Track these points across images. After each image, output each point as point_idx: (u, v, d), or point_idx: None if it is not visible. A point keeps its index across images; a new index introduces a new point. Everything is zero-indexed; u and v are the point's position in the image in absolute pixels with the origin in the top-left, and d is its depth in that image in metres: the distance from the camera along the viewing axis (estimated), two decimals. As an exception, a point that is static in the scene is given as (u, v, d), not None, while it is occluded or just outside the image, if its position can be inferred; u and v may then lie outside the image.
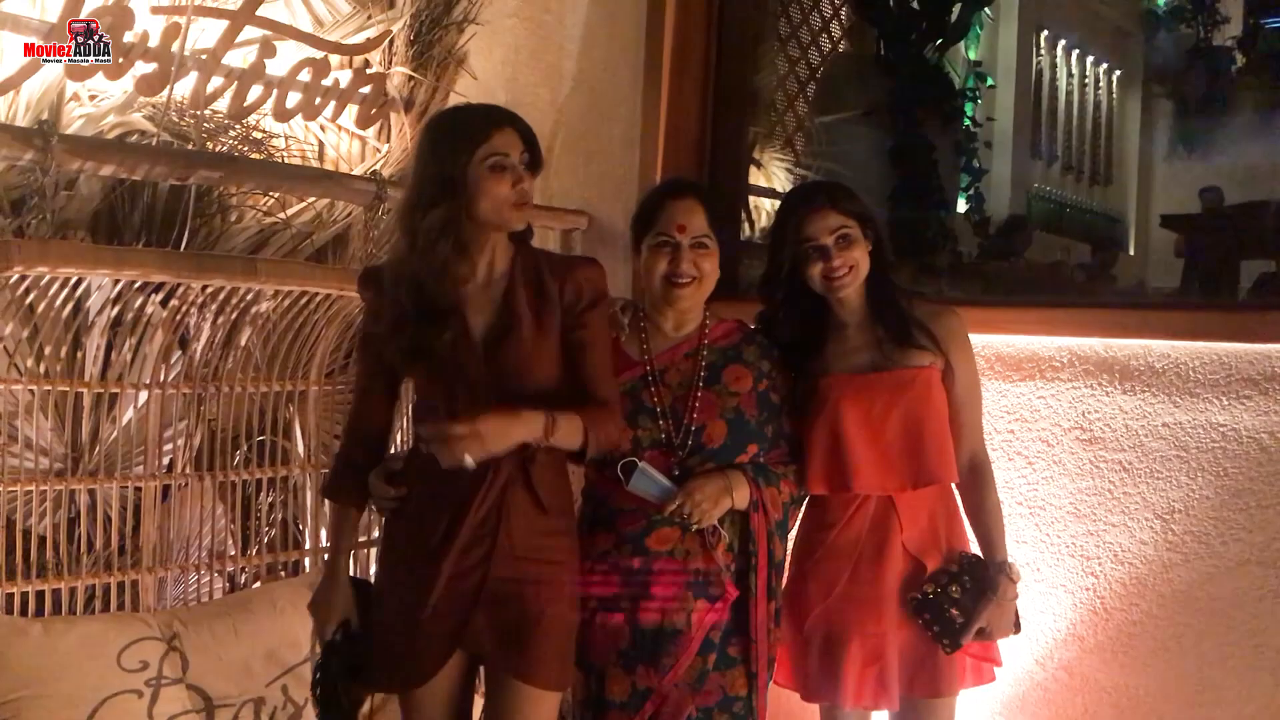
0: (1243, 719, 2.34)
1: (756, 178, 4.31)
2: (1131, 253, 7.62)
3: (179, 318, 3.05)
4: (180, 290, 2.97)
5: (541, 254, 2.26)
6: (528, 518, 2.14)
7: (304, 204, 3.51)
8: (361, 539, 3.17)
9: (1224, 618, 2.37)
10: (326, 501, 2.33)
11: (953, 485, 2.32)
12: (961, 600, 2.22)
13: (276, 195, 3.45)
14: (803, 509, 2.40)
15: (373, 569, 2.69)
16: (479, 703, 2.36)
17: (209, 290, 2.99)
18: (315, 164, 3.61)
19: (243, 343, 3.17)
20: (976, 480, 2.33)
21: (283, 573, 3.41)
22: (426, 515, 2.16)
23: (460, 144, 2.07)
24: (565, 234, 3.40)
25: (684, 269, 2.30)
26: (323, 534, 3.44)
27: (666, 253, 2.31)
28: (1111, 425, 2.51)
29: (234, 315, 3.11)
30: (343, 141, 3.74)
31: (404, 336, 2.10)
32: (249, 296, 3.06)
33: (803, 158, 4.47)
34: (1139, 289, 5.06)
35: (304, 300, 3.16)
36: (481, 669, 2.28)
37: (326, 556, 2.28)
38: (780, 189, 4.50)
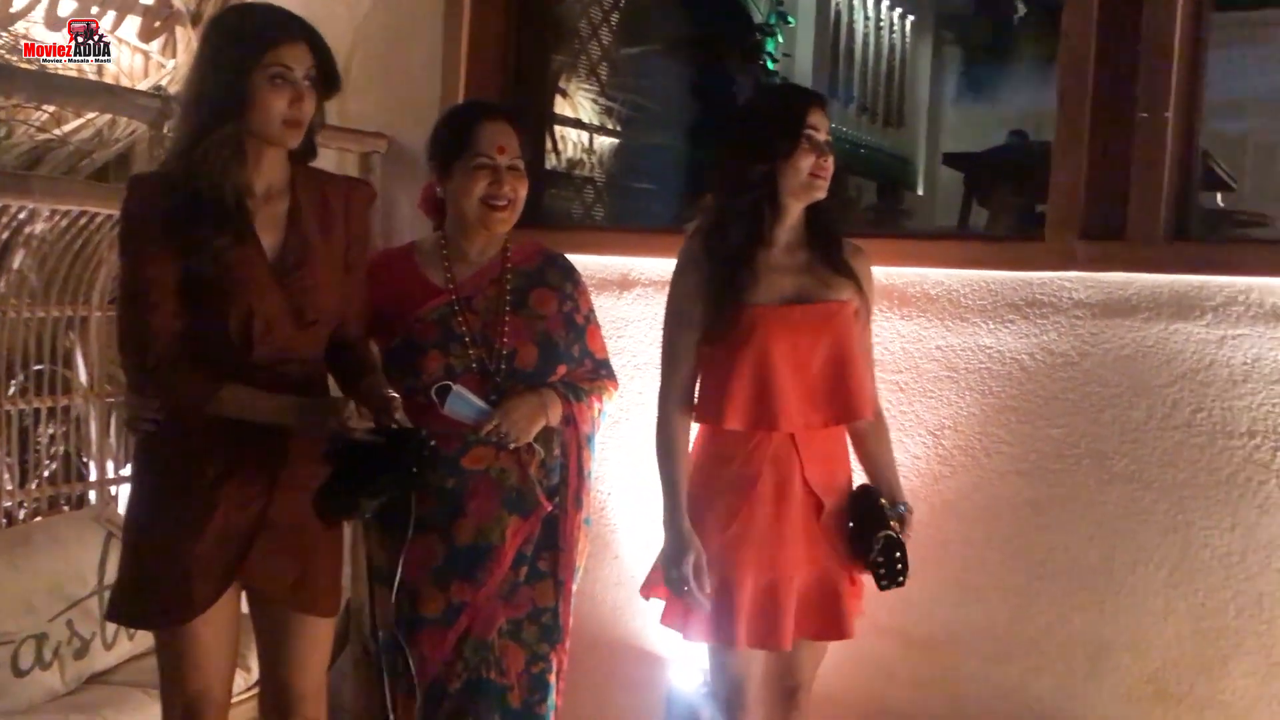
0: (1000, 616, 2.55)
1: (563, 107, 4.31)
2: (920, 193, 8.00)
3: (-55, 237, 2.86)
4: (-55, 207, 2.79)
5: (318, 173, 2.20)
6: (310, 444, 2.08)
7: (82, 120, 3.32)
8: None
9: (985, 525, 2.56)
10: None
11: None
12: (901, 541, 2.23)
13: (51, 110, 3.25)
14: (687, 437, 2.30)
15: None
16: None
17: (-22, 208, 2.81)
18: (95, 78, 3.41)
19: (16, 265, 3.00)
20: (879, 421, 2.36)
21: (65, 506, 3.27)
22: (202, 442, 2.05)
23: (244, 51, 1.97)
24: (364, 157, 3.32)
25: (504, 191, 2.29)
26: (109, 466, 3.32)
27: (485, 174, 2.28)
28: (890, 348, 2.66)
29: (5, 235, 2.94)
30: (124, 55, 3.55)
31: (188, 245, 1.97)
32: (21, 215, 2.89)
33: (608, 89, 4.48)
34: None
35: (84, 221, 3.02)
36: (245, 599, 2.19)
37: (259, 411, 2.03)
38: (587, 119, 4.51)
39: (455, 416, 2.23)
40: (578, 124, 4.37)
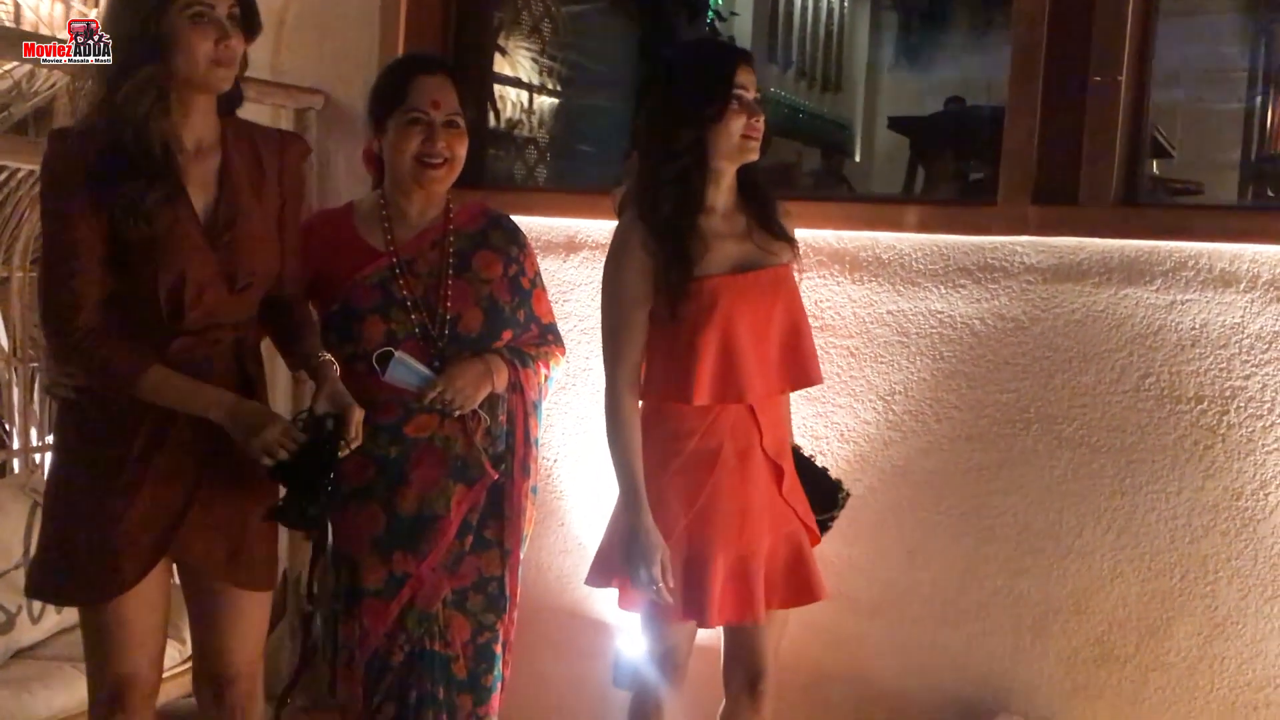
0: (947, 581, 2.55)
1: (502, 66, 4.22)
2: (858, 159, 8.02)
3: None
4: None
5: (250, 125, 2.11)
6: None
7: (-1, 70, 3.18)
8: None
9: (935, 489, 2.56)
10: (144, 381, 1.91)
11: None
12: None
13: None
14: (639, 423, 2.21)
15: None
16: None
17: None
18: (11, 25, 3.27)
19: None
20: None
21: (-13, 475, 3.16)
22: (128, 412, 1.96)
23: None
24: (299, 113, 3.21)
25: (439, 148, 2.21)
26: (32, 433, 3.20)
27: (419, 131, 2.21)
28: (841, 313, 2.64)
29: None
30: (43, 4, 3.40)
31: (115, 203, 1.86)
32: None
33: (549, 47, 4.40)
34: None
35: (3, 178, 2.89)
36: (176, 572, 2.13)
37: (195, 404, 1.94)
38: (526, 79, 4.43)
39: (398, 384, 2.18)
40: (517, 83, 4.29)
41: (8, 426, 3.22)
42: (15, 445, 3.21)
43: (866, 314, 2.62)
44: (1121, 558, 2.39)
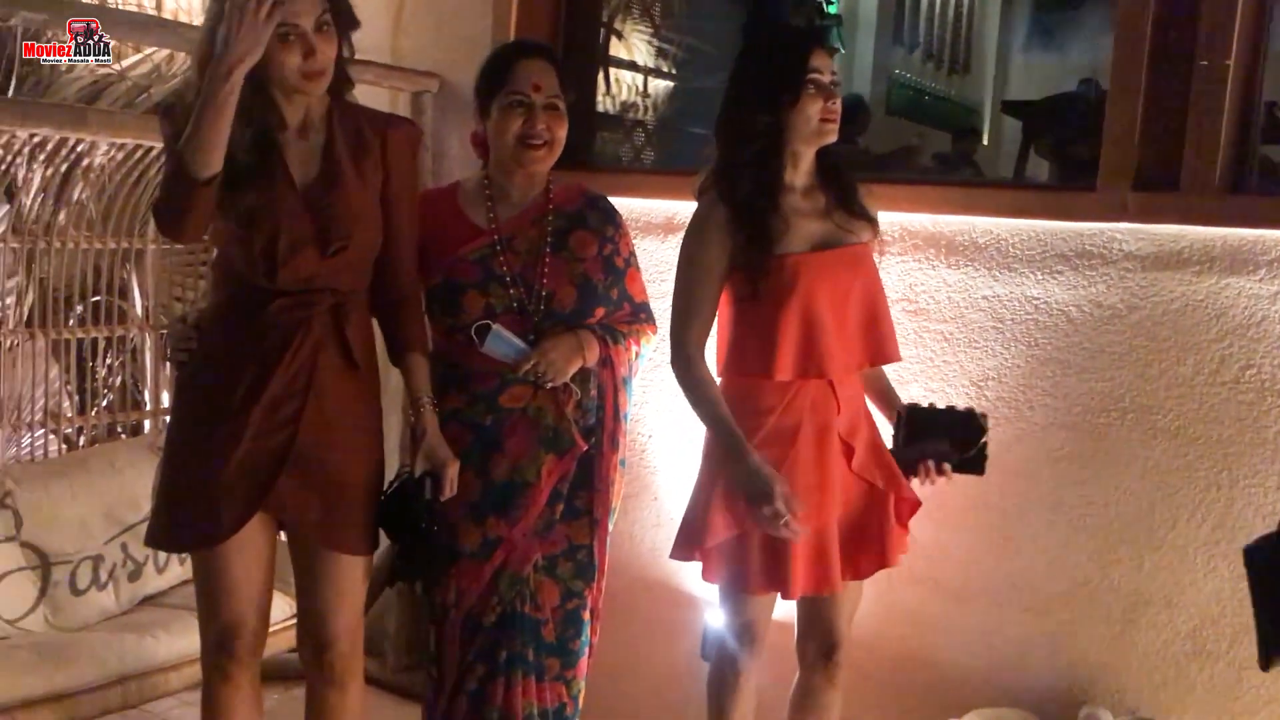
0: (1036, 570, 2.53)
1: (618, 49, 4.28)
2: (985, 141, 7.86)
3: (5, 167, 2.93)
4: (4, 139, 2.85)
5: (360, 109, 2.21)
6: (339, 378, 2.12)
7: (140, 55, 3.37)
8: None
9: (1027, 477, 2.53)
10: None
11: None
12: None
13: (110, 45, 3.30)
14: (714, 392, 2.27)
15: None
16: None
17: (36, 140, 2.88)
18: (153, 13, 3.46)
19: (75, 197, 3.07)
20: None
21: (122, 434, 3.37)
22: (230, 369, 2.09)
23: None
24: (415, 96, 3.33)
25: (539, 129, 2.28)
26: (164, 396, 3.40)
27: (520, 113, 2.28)
28: (936, 298, 2.63)
29: (64, 167, 3.00)
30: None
31: (237, 189, 1.99)
32: (80, 148, 2.95)
33: (663, 30, 4.45)
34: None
35: (140, 155, 3.07)
36: (283, 533, 2.23)
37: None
38: (642, 62, 4.48)
39: (494, 355, 2.25)
40: (632, 66, 4.35)
41: (141, 389, 3.42)
42: (147, 407, 3.42)
43: (961, 299, 2.61)
44: (1216, 553, 2.34)
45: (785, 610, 2.39)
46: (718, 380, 2.30)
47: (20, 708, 2.51)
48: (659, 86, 4.60)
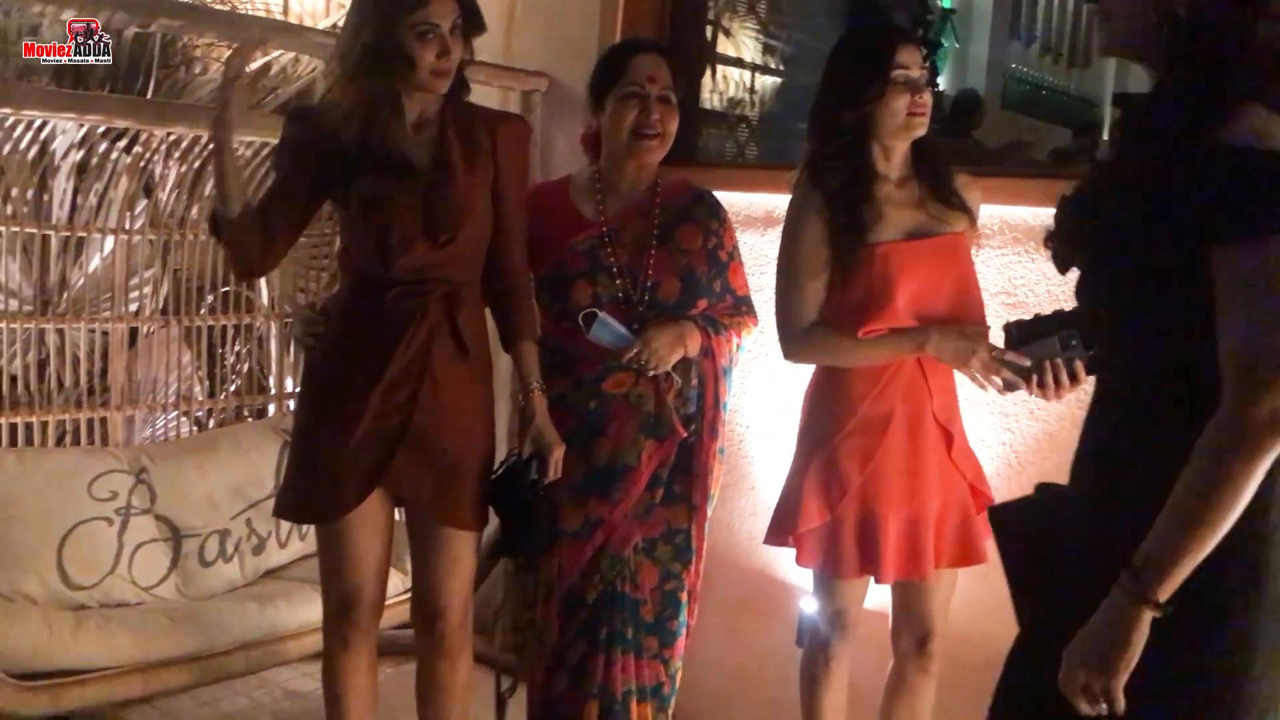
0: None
1: (725, 46, 4.34)
2: (1105, 136, 7.66)
3: (143, 165, 3.11)
4: (144, 137, 3.03)
5: (472, 106, 2.31)
6: (452, 363, 2.22)
7: (268, 57, 3.54)
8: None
9: (1125, 471, 2.51)
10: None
11: None
12: None
13: (238, 47, 3.47)
14: (812, 380, 2.37)
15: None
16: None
17: (172, 138, 3.05)
18: (280, 18, 3.63)
19: (207, 192, 3.24)
20: None
21: (248, 416, 3.54)
22: (353, 353, 2.21)
23: (393, 10, 2.09)
24: (525, 95, 3.44)
25: (653, 120, 2.35)
26: (288, 381, 3.57)
27: (635, 104, 2.35)
28: (1035, 290, 2.62)
29: (197, 164, 3.18)
30: (308, -4, 3.75)
31: (357, 182, 2.14)
32: (211, 146, 3.12)
33: (770, 26, 4.48)
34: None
35: (266, 152, 3.23)
36: (400, 510, 2.35)
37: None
38: (749, 58, 4.52)
39: (599, 342, 2.32)
40: (738, 63, 4.40)
41: (266, 374, 3.60)
42: (272, 391, 3.59)
43: (1061, 292, 2.59)
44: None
45: (881, 600, 2.42)
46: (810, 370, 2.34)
47: (153, 668, 2.68)
48: (766, 82, 4.63)
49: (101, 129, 2.93)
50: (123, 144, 3.06)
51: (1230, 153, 1.30)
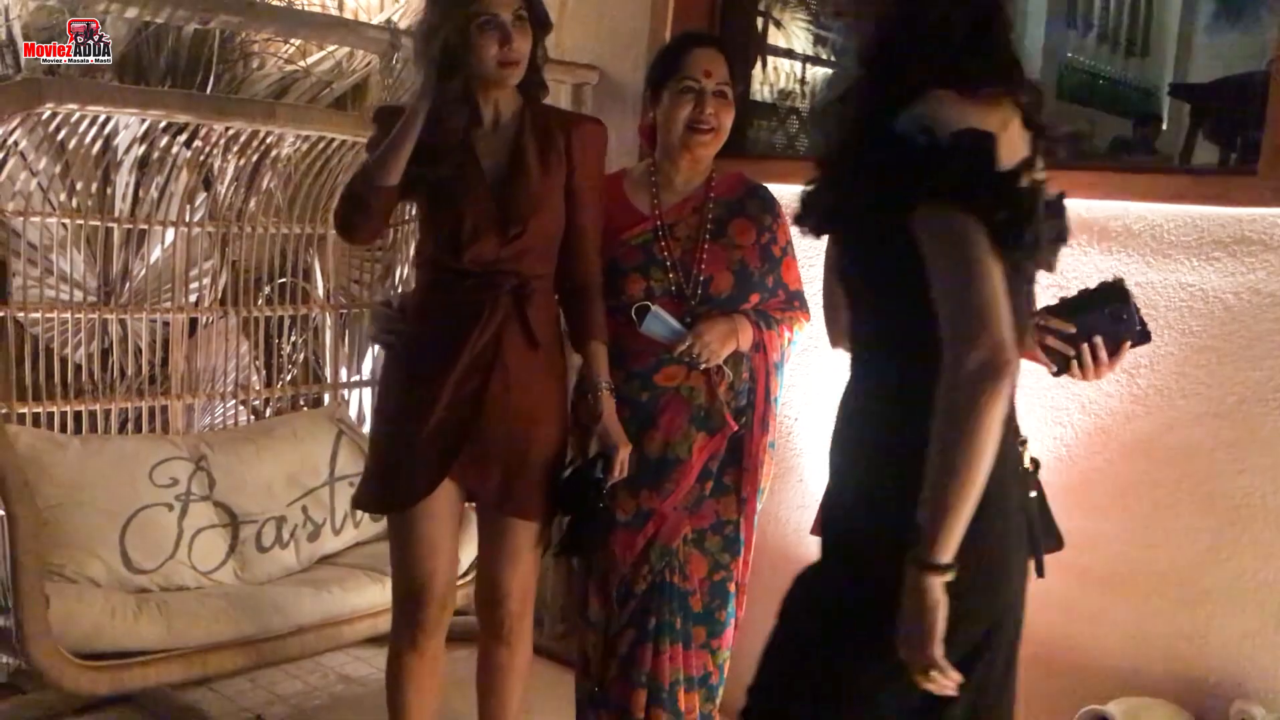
0: (1188, 561, 2.48)
1: (776, 37, 4.32)
2: (1165, 126, 7.54)
3: (203, 159, 3.18)
4: (203, 132, 3.09)
5: (550, 109, 2.35)
6: (521, 356, 2.26)
7: (324, 52, 3.60)
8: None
9: (1178, 467, 2.49)
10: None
11: None
12: None
13: (296, 43, 3.53)
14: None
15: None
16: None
17: (230, 133, 3.11)
18: (335, 13, 3.68)
19: (265, 185, 3.31)
20: None
21: (304, 405, 3.61)
22: (426, 345, 2.26)
23: (454, 6, 2.13)
24: (576, 88, 3.46)
25: (707, 114, 2.37)
26: (343, 371, 3.63)
27: (690, 99, 2.37)
28: (1088, 283, 2.59)
29: (255, 158, 3.23)
30: (362, -9, 3.80)
31: (429, 175, 2.20)
32: (269, 140, 3.18)
33: (821, 17, 4.46)
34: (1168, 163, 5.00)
35: (322, 146, 3.28)
36: (468, 502, 2.38)
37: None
38: (800, 49, 4.50)
39: (652, 335, 2.35)
40: (789, 54, 4.38)
41: (321, 364, 3.66)
42: (327, 380, 3.65)
43: (1114, 285, 2.57)
44: (1379, 548, 2.27)
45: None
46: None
47: (212, 650, 2.75)
48: (817, 74, 4.61)
49: (162, 124, 2.99)
50: (183, 138, 3.12)
51: (894, 138, 1.46)
